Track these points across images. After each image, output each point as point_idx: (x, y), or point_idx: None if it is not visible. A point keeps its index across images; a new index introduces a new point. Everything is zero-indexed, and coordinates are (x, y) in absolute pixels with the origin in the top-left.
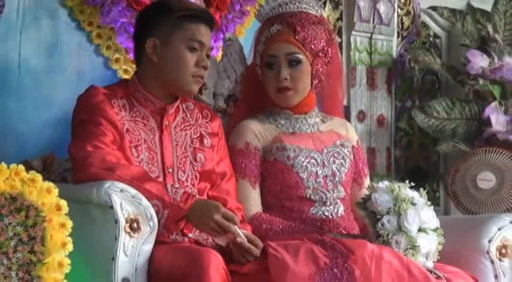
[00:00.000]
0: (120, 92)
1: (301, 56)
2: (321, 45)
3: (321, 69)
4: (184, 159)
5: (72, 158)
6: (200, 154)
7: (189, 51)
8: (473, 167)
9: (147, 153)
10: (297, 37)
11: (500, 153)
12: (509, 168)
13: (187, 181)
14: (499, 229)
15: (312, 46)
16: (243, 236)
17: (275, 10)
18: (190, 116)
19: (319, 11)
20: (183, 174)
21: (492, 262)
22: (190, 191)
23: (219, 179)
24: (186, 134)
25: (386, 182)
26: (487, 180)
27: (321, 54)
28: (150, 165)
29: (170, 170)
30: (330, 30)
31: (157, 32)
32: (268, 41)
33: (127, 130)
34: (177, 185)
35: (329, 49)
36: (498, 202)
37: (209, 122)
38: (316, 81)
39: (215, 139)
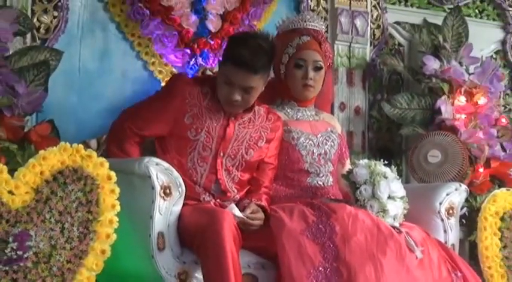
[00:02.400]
0: (208, 82)
1: (322, 64)
2: (331, 59)
3: (326, 76)
4: (236, 150)
5: (115, 121)
6: (251, 150)
7: (227, 86)
8: (426, 146)
9: (204, 136)
10: (322, 49)
11: (446, 135)
12: (452, 146)
13: (233, 166)
14: (447, 194)
15: (328, 58)
16: (241, 215)
17: (299, 23)
18: (258, 119)
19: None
20: (231, 160)
21: (442, 220)
22: (233, 175)
23: (265, 165)
24: (247, 132)
25: (365, 160)
26: (434, 156)
27: (328, 65)
28: (204, 145)
29: (221, 154)
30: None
31: (222, 63)
32: (300, 47)
33: (194, 113)
34: (228, 173)
35: (331, 64)
36: (443, 173)
37: (271, 124)
38: (323, 85)
39: (272, 136)
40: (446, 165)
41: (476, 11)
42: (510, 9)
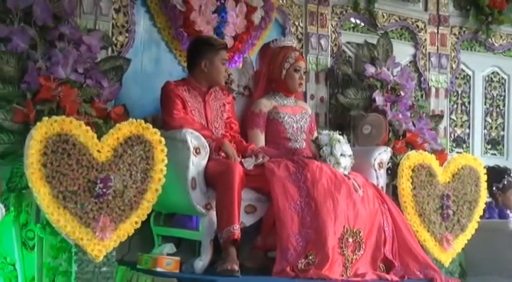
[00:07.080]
0: (183, 83)
1: (305, 70)
2: None
3: None
4: (217, 116)
5: (164, 120)
6: (224, 113)
7: (223, 65)
8: (362, 123)
9: (197, 114)
10: (305, 60)
11: (375, 115)
12: (378, 122)
13: (219, 127)
14: (379, 154)
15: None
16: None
17: (287, 42)
18: (218, 94)
19: None
20: (217, 124)
21: (375, 170)
22: (221, 132)
23: (231, 122)
24: (216, 104)
25: (327, 131)
26: (366, 129)
27: None
28: (199, 119)
29: (211, 122)
30: None
31: (206, 56)
32: (296, 59)
33: (188, 102)
34: (218, 131)
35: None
36: (371, 141)
37: (227, 96)
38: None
39: (228, 102)
40: (372, 136)
41: (398, 34)
42: (419, 34)
